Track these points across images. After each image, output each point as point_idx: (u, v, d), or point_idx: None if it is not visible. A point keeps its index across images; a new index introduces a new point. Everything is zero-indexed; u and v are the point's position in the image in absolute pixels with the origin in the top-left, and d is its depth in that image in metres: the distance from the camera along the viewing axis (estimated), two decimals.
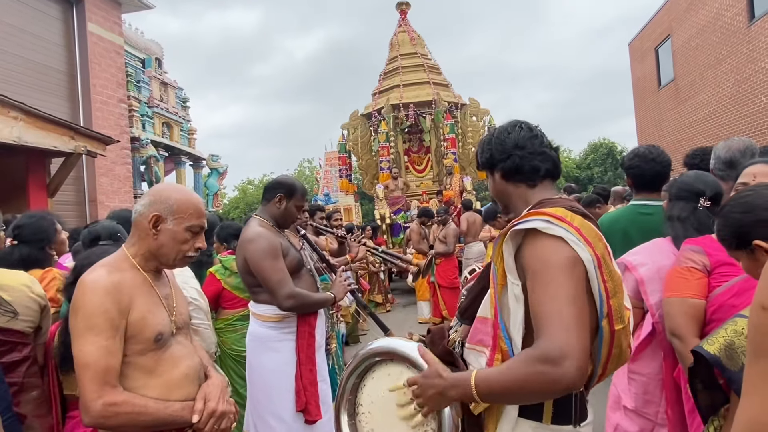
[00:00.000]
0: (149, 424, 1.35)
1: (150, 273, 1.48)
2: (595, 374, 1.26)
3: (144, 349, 1.39)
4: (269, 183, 2.56)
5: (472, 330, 1.35)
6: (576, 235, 1.15)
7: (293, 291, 2.27)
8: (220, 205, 15.94)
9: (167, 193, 1.47)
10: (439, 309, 7.02)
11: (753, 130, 10.46)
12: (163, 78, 12.89)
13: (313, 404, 2.30)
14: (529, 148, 1.32)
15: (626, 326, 1.23)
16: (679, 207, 1.87)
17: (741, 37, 10.70)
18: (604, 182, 24.62)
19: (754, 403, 0.63)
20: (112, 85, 9.92)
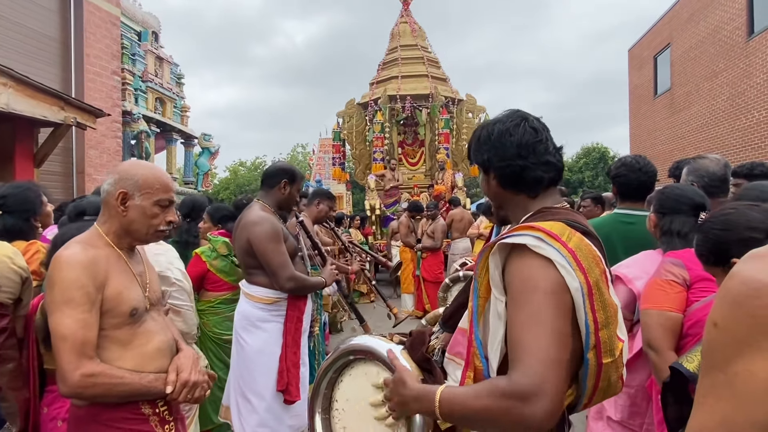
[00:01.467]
0: (125, 394, 1.41)
1: (124, 251, 1.52)
2: (579, 403, 1.18)
3: (120, 323, 1.44)
4: (271, 170, 2.65)
5: (452, 340, 1.33)
6: (569, 258, 1.03)
7: (294, 274, 2.39)
8: (210, 185, 15.83)
9: (132, 170, 1.50)
10: (422, 302, 7.08)
11: (744, 145, 10.61)
12: (159, 52, 12.70)
13: (293, 385, 2.41)
14: (532, 157, 1.16)
15: (617, 359, 1.13)
16: (680, 221, 1.81)
17: (739, 51, 10.80)
18: (594, 187, 24.83)
19: (704, 413, 0.67)
20: (106, 57, 9.76)
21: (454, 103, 11.34)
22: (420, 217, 7.76)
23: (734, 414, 0.63)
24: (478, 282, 1.16)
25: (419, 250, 7.16)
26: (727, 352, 0.63)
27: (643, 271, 1.83)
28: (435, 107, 10.75)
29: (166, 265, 2.41)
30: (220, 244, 2.89)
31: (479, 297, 1.16)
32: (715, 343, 0.65)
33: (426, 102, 10.92)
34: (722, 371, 0.64)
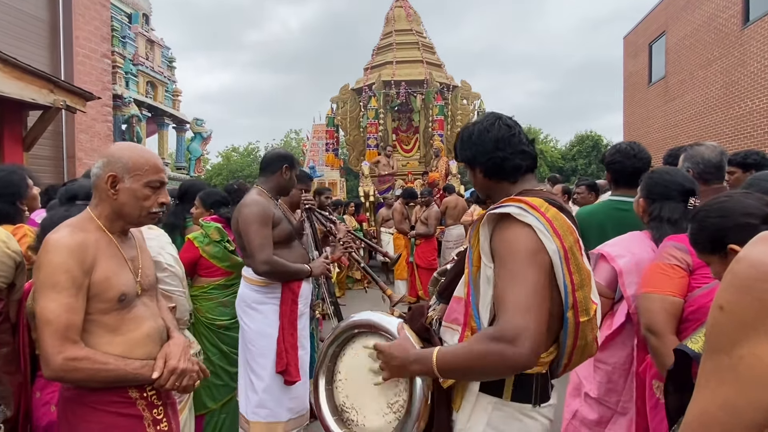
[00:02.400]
0: (109, 379, 1.40)
1: (116, 235, 1.51)
2: (560, 364, 1.32)
3: (108, 308, 1.42)
4: (271, 156, 2.70)
5: (448, 309, 1.41)
6: (546, 225, 1.20)
7: (269, 257, 2.40)
8: (203, 170, 15.71)
9: (120, 152, 1.48)
10: (415, 288, 7.11)
11: (737, 134, 10.66)
12: (150, 35, 12.49)
13: (293, 366, 2.46)
14: (509, 148, 1.35)
15: (592, 319, 1.28)
16: (670, 208, 1.82)
17: (734, 39, 10.79)
18: (587, 174, 24.90)
19: (705, 396, 0.67)
20: (96, 39, 9.57)
21: (449, 90, 11.28)
22: (414, 204, 7.75)
23: (737, 397, 0.63)
24: (473, 252, 1.32)
25: (413, 237, 7.17)
26: (733, 336, 0.63)
27: (627, 250, 1.85)
28: (430, 93, 10.70)
29: (157, 251, 2.39)
30: (212, 229, 2.87)
31: (473, 265, 1.31)
32: (721, 326, 0.65)
33: (421, 88, 10.85)
34: (727, 354, 0.64)
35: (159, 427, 1.51)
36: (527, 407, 1.28)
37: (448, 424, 1.36)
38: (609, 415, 1.89)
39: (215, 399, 2.84)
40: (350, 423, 1.47)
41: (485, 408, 1.28)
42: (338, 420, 1.49)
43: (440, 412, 1.36)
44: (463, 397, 1.32)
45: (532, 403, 1.27)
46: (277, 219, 2.50)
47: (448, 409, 1.36)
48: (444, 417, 1.36)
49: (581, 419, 1.95)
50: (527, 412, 1.28)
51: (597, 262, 1.92)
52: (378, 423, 1.41)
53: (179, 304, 2.44)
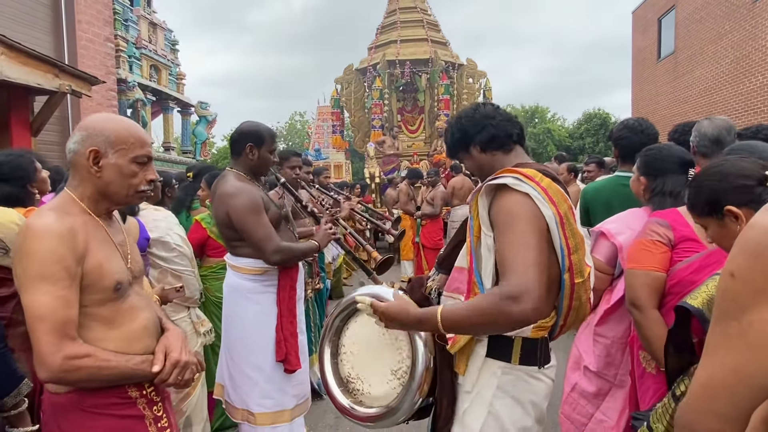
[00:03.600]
0: (111, 378, 1.28)
1: (102, 217, 1.37)
2: (557, 324, 1.40)
3: (103, 299, 1.30)
4: (233, 135, 2.41)
5: (450, 279, 1.47)
6: (541, 193, 1.27)
7: (279, 246, 2.25)
8: (209, 154, 15.72)
9: (101, 124, 1.33)
10: (421, 268, 7.15)
11: (747, 109, 10.49)
12: (152, 18, 12.38)
13: (293, 354, 2.34)
14: (498, 117, 1.46)
15: (585, 280, 1.37)
16: (672, 181, 1.83)
17: (745, 12, 10.54)
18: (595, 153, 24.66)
19: (714, 362, 0.68)
20: (98, 23, 9.52)
21: (455, 68, 11.15)
22: (419, 185, 7.75)
23: (746, 363, 0.64)
24: (473, 222, 1.38)
25: (419, 218, 7.18)
26: (743, 302, 0.64)
27: (627, 226, 1.87)
28: (435, 72, 10.58)
29: (165, 231, 2.43)
30: None
31: (474, 235, 1.37)
32: (731, 292, 0.66)
33: (425, 67, 10.73)
34: (737, 320, 0.64)
35: (160, 425, 1.42)
36: (533, 369, 1.36)
37: (452, 387, 1.43)
38: (607, 388, 1.93)
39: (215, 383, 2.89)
40: (356, 392, 1.53)
41: (494, 372, 1.36)
42: (344, 391, 1.55)
43: (443, 375, 1.43)
44: (469, 361, 1.39)
45: (538, 365, 1.36)
46: (266, 203, 2.31)
47: (451, 372, 1.43)
48: (448, 380, 1.42)
49: (580, 392, 1.99)
50: (533, 373, 1.37)
51: (597, 240, 1.94)
52: (383, 389, 1.47)
53: (189, 283, 2.48)
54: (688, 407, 0.71)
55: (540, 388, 1.38)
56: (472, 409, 1.38)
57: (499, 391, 1.35)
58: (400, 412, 1.42)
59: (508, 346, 1.34)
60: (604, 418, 1.90)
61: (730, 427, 0.66)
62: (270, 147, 2.38)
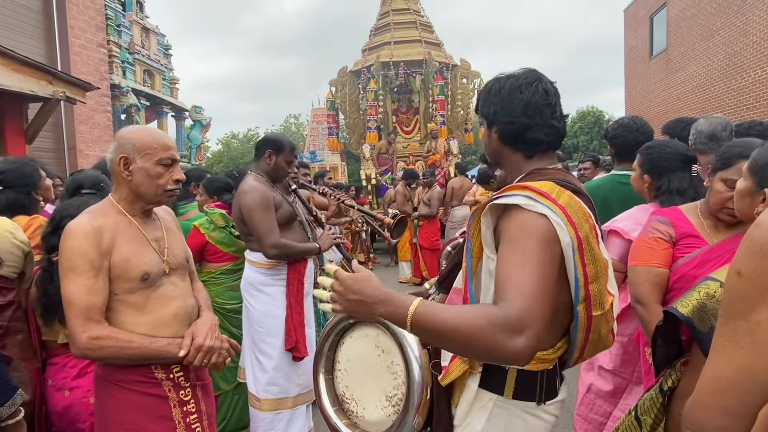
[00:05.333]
0: (135, 357, 1.44)
1: (138, 217, 1.55)
2: (571, 356, 1.23)
3: (132, 287, 1.47)
4: (258, 141, 2.71)
5: (447, 300, 1.37)
6: (559, 214, 1.06)
7: (278, 241, 2.45)
8: (203, 158, 15.67)
9: (129, 134, 1.52)
10: (419, 269, 7.16)
11: (740, 105, 10.56)
12: (145, 23, 12.35)
13: (302, 342, 2.53)
14: (537, 118, 1.18)
15: (607, 313, 1.17)
16: (678, 179, 1.86)
17: (736, 9, 10.61)
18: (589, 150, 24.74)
19: (720, 361, 0.68)
20: (91, 29, 9.48)
21: (449, 69, 11.16)
22: (415, 185, 7.76)
23: (754, 361, 0.64)
24: (472, 242, 1.20)
25: (416, 218, 7.19)
26: (751, 301, 0.64)
27: (637, 223, 1.88)
28: (429, 73, 10.59)
29: None
30: (217, 216, 2.89)
31: (473, 257, 1.19)
32: (738, 291, 0.66)
33: (420, 68, 10.74)
34: (744, 319, 0.65)
35: (186, 408, 1.54)
36: (531, 405, 1.19)
37: (449, 419, 1.30)
38: (624, 386, 1.93)
39: (228, 381, 2.90)
40: (350, 414, 1.45)
41: (485, 405, 1.21)
42: (338, 410, 1.46)
43: (440, 407, 1.30)
44: (462, 392, 1.25)
45: (536, 401, 1.19)
46: (277, 202, 2.54)
47: (448, 403, 1.30)
48: (444, 412, 1.30)
49: (596, 392, 1.98)
50: (530, 410, 1.20)
51: (608, 238, 1.95)
52: (377, 415, 1.39)
53: None
54: (697, 404, 0.71)
55: (538, 427, 1.21)
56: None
57: (489, 426, 1.20)
58: None
59: (502, 377, 1.18)
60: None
61: (738, 423, 0.67)
62: (287, 157, 2.65)
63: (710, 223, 1.63)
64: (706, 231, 1.63)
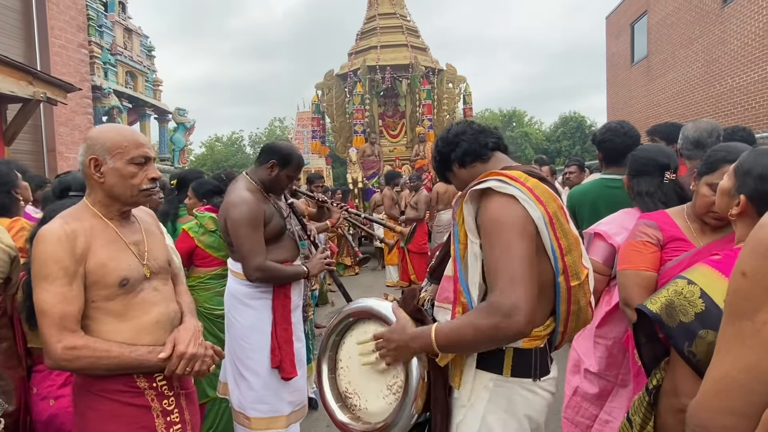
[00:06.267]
0: (113, 367, 1.38)
1: (114, 220, 1.48)
2: (557, 331, 1.36)
3: (110, 294, 1.40)
4: (266, 145, 2.48)
5: (440, 289, 1.45)
6: (528, 194, 1.24)
7: (262, 264, 2.25)
8: (187, 161, 15.48)
9: (98, 134, 1.46)
10: (407, 273, 7.15)
11: (718, 112, 10.81)
12: (128, 24, 12.18)
13: (287, 362, 2.34)
14: (468, 131, 1.48)
15: (583, 283, 1.33)
16: (646, 182, 1.91)
17: (714, 18, 10.88)
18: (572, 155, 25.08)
19: (726, 361, 0.69)
20: (71, 29, 9.31)
21: (435, 74, 11.24)
22: (400, 188, 7.78)
23: (759, 361, 0.65)
24: (458, 229, 1.36)
25: (403, 222, 7.19)
26: (756, 301, 0.65)
27: (622, 227, 1.91)
28: (415, 78, 10.64)
29: None
30: (207, 219, 2.85)
31: (459, 243, 1.35)
32: (743, 292, 0.67)
33: (406, 72, 10.79)
34: (750, 320, 0.65)
35: (169, 419, 1.48)
36: (528, 382, 1.31)
37: (446, 402, 1.39)
38: (610, 388, 1.95)
39: (216, 387, 2.85)
40: (354, 408, 1.52)
41: (486, 385, 1.32)
42: (342, 406, 1.53)
43: (437, 390, 1.38)
44: (463, 374, 1.35)
45: (533, 377, 1.31)
46: (268, 216, 2.33)
47: (445, 386, 1.39)
48: (441, 395, 1.38)
49: (582, 394, 2.00)
50: (528, 386, 1.31)
51: (592, 241, 1.97)
52: (379, 405, 1.45)
53: None
54: (702, 405, 0.72)
55: (536, 401, 1.33)
56: (465, 423, 1.34)
57: (491, 405, 1.31)
58: (397, 428, 1.40)
59: (499, 357, 1.30)
60: (609, 418, 1.92)
61: (743, 423, 0.68)
62: (290, 173, 2.42)
63: (697, 227, 1.67)
64: (693, 234, 1.66)
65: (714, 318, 1.08)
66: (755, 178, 1.17)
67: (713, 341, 1.06)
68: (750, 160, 1.21)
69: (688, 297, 1.13)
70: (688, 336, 1.10)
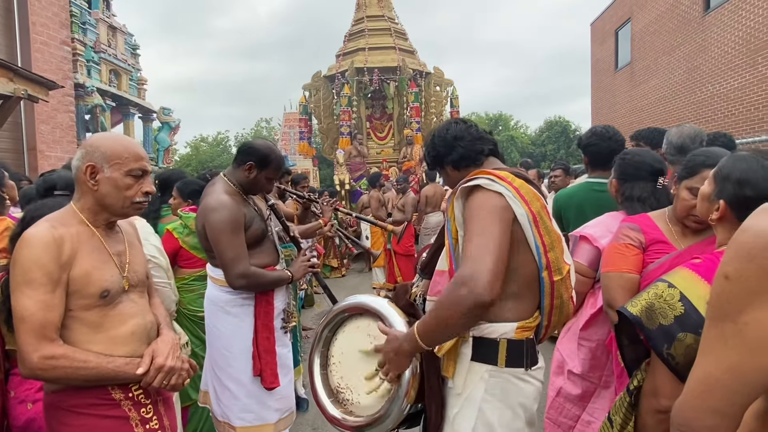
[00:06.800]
0: (90, 377, 1.35)
1: (101, 228, 1.46)
2: (541, 325, 1.42)
3: (89, 304, 1.38)
4: (243, 145, 2.36)
5: (432, 283, 1.48)
6: (514, 192, 1.32)
7: (246, 271, 2.17)
8: (171, 161, 15.30)
9: (99, 142, 1.44)
10: (393, 275, 7.15)
11: (699, 118, 11.02)
12: (112, 21, 12.00)
13: (268, 372, 2.27)
14: (467, 137, 1.51)
15: (565, 278, 1.40)
16: (640, 187, 1.92)
17: (695, 26, 11.11)
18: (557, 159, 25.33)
19: (709, 362, 0.70)
20: (54, 25, 9.15)
21: (422, 76, 11.28)
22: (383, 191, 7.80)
23: (742, 362, 0.66)
24: (450, 224, 1.42)
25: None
26: (739, 303, 0.66)
27: (607, 230, 1.92)
28: (403, 80, 10.68)
29: None
30: (192, 220, 2.81)
31: (452, 237, 1.41)
32: (726, 294, 0.68)
33: (394, 75, 10.81)
34: (732, 321, 0.67)
35: (148, 426, 1.46)
36: (520, 371, 1.37)
37: (440, 392, 1.43)
38: (592, 390, 1.97)
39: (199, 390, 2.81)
40: (346, 402, 1.53)
41: (482, 376, 1.36)
42: (334, 401, 1.55)
43: (431, 380, 1.42)
44: (456, 364, 1.40)
45: (525, 366, 1.37)
46: (248, 219, 2.24)
47: (438, 377, 1.43)
48: (435, 385, 1.43)
49: (565, 395, 2.02)
50: (521, 375, 1.38)
51: (577, 244, 1.99)
52: (371, 398, 1.47)
53: (165, 295, 2.39)
54: (685, 405, 0.73)
55: (528, 390, 1.39)
56: (462, 414, 1.38)
57: (487, 395, 1.36)
58: (389, 419, 1.42)
59: (494, 348, 1.36)
60: (591, 419, 1.94)
61: (726, 423, 0.69)
62: (270, 174, 2.32)
63: (678, 230, 1.70)
64: (675, 237, 1.69)
65: (693, 321, 1.10)
66: (734, 183, 1.20)
67: (691, 344, 1.08)
68: (729, 166, 1.24)
69: (668, 300, 1.15)
70: (667, 338, 1.12)
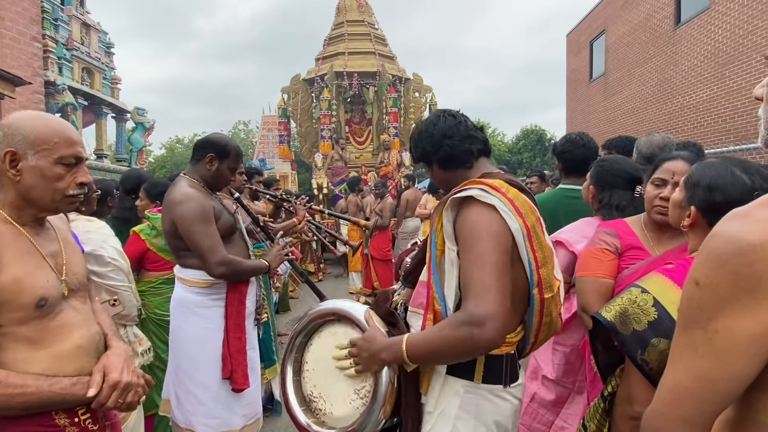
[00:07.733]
0: (30, 405, 1.14)
1: (28, 226, 1.23)
2: (527, 341, 1.37)
3: (23, 317, 1.16)
4: (199, 141, 2.37)
5: (414, 294, 1.42)
6: (508, 205, 1.24)
7: (225, 258, 2.14)
8: (145, 162, 14.98)
9: (20, 123, 1.19)
10: (370, 280, 7.11)
11: (669, 128, 11.33)
12: (86, 19, 11.72)
13: (239, 373, 2.22)
14: (456, 135, 1.40)
15: (555, 295, 1.34)
16: (619, 195, 1.94)
17: (667, 39, 11.44)
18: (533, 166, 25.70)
19: (679, 370, 0.69)
20: (24, 21, 8.89)
21: (401, 82, 11.32)
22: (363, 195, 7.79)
23: (711, 370, 0.65)
24: (436, 235, 1.33)
25: (367, 229, 7.16)
26: (709, 310, 0.64)
27: (582, 235, 1.93)
28: (382, 85, 10.70)
29: (99, 244, 2.25)
30: (159, 221, 2.73)
31: (437, 249, 1.32)
32: (697, 300, 0.66)
33: (373, 80, 10.82)
34: (703, 328, 0.65)
35: None
36: (498, 388, 1.31)
37: (417, 407, 1.36)
38: (566, 395, 1.97)
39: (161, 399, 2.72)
40: (318, 412, 1.46)
41: (456, 391, 1.30)
42: (306, 410, 1.47)
43: (408, 395, 1.35)
44: (431, 379, 1.33)
45: (503, 383, 1.31)
46: (217, 212, 2.22)
47: (416, 391, 1.36)
48: (412, 399, 1.36)
49: (539, 401, 2.01)
50: (498, 393, 1.31)
51: (555, 249, 1.99)
52: (345, 409, 1.40)
53: (126, 299, 2.31)
54: (655, 413, 0.71)
55: (505, 408, 1.33)
56: (435, 430, 1.32)
57: (461, 412, 1.29)
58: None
59: (471, 363, 1.29)
60: (564, 425, 1.93)
61: None
62: (231, 164, 2.32)
63: (653, 236, 1.71)
64: (650, 243, 1.70)
65: (666, 326, 1.10)
66: (704, 189, 1.21)
67: (665, 349, 1.07)
68: (698, 173, 1.26)
69: (642, 305, 1.15)
70: (641, 344, 1.11)
